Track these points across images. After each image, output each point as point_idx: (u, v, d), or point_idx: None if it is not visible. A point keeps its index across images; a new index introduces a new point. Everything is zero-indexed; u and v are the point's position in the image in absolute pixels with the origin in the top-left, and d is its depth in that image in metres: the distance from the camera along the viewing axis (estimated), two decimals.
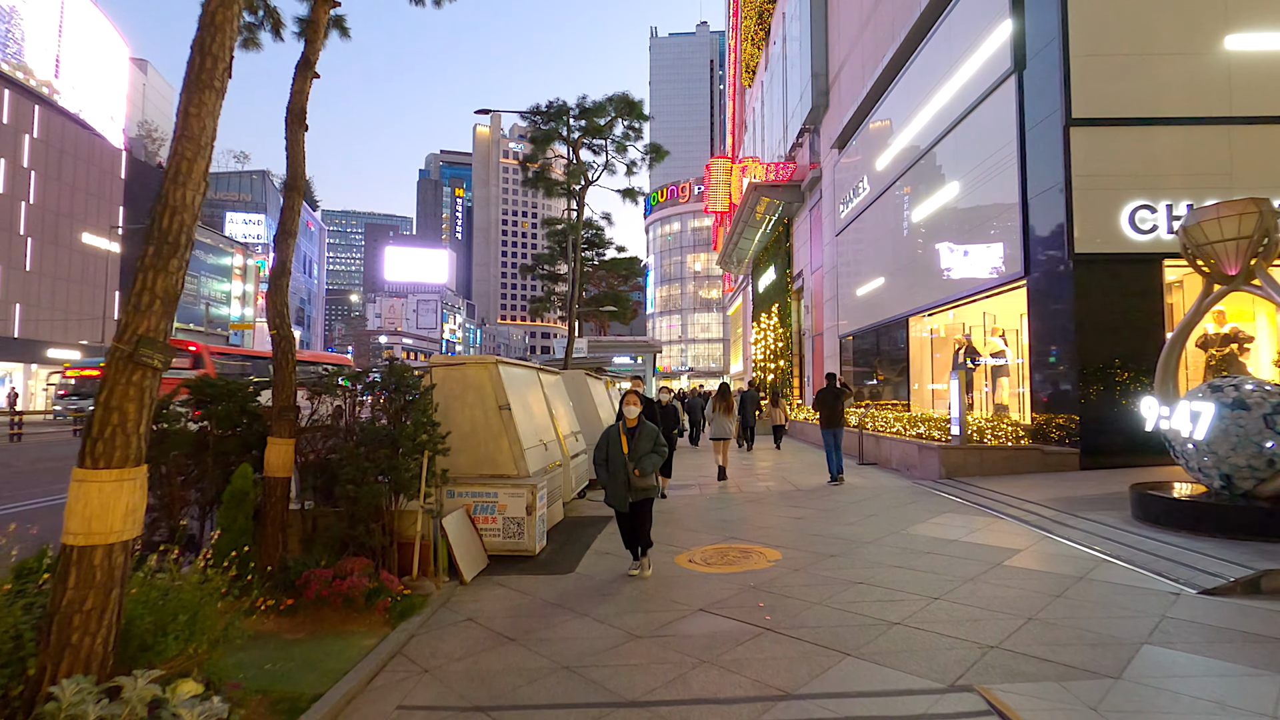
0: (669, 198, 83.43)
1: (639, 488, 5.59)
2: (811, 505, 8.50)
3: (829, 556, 5.91)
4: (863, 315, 19.10)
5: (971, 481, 9.22)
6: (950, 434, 9.95)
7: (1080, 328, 9.63)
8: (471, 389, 6.79)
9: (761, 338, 32.44)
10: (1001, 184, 11.54)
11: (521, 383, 7.54)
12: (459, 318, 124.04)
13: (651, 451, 5.68)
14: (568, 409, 9.82)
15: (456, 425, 6.70)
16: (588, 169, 18.48)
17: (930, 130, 14.26)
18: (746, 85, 45.60)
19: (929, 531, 6.74)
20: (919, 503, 8.28)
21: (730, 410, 13.60)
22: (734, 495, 9.60)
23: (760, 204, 29.09)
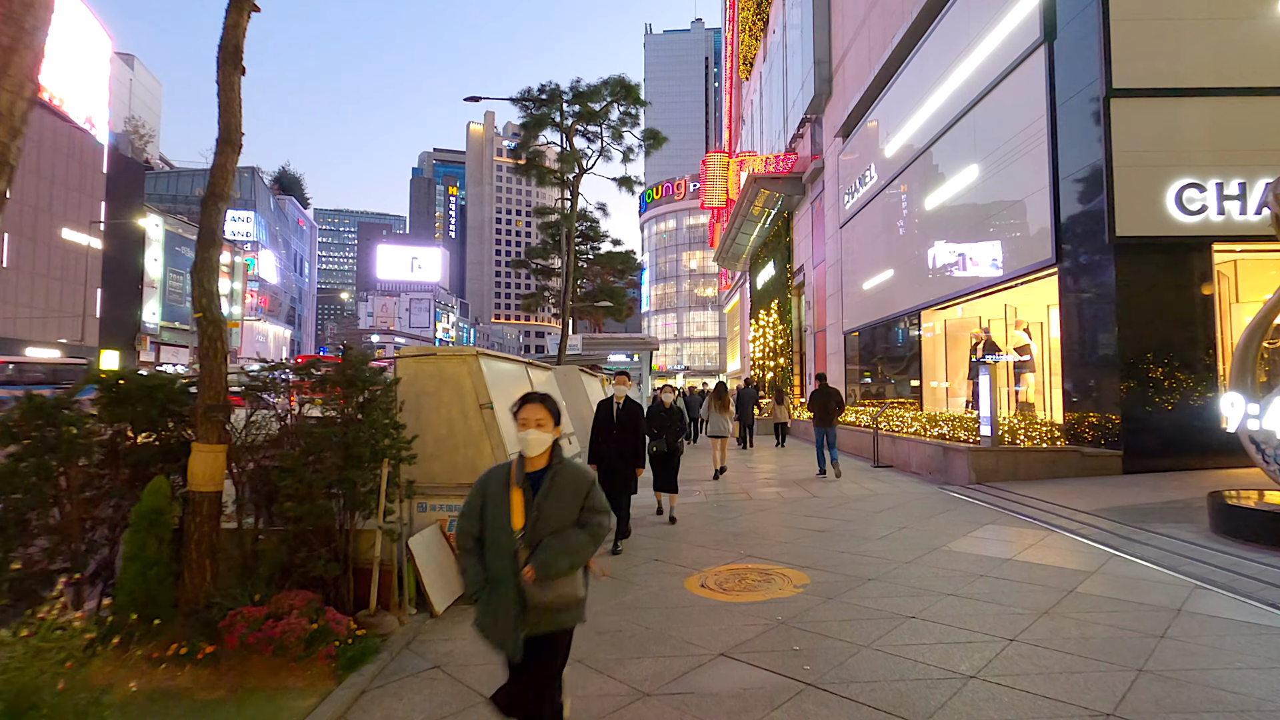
0: (664, 194, 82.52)
1: (541, 606, 2.43)
2: (832, 515, 7.62)
3: (865, 580, 5.03)
4: (869, 310, 18.26)
5: (1005, 487, 8.37)
6: (979, 435, 9.09)
7: (1122, 318, 8.79)
8: (448, 385, 5.89)
9: (760, 335, 31.61)
10: (1028, 165, 10.69)
11: (507, 378, 6.64)
12: (452, 316, 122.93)
13: (578, 525, 2.60)
14: (561, 408, 8.92)
15: (430, 427, 5.80)
16: (582, 156, 17.57)
17: (946, 112, 13.41)
18: (744, 78, 44.77)
19: (974, 548, 5.87)
20: (952, 512, 7.41)
21: (726, 408, 12.93)
22: (742, 502, 8.72)
23: (760, 197, 28.24)
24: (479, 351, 5.98)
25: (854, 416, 15.86)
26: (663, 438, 7.55)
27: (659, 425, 7.61)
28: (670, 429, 7.62)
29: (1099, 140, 9.05)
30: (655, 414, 7.67)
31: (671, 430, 7.62)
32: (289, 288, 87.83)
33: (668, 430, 7.60)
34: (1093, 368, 9.33)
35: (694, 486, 10.18)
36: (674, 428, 7.65)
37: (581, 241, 29.60)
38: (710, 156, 44.01)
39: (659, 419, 7.65)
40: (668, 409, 7.77)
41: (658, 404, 7.82)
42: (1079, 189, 9.54)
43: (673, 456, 7.62)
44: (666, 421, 7.65)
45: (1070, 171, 9.71)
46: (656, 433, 7.52)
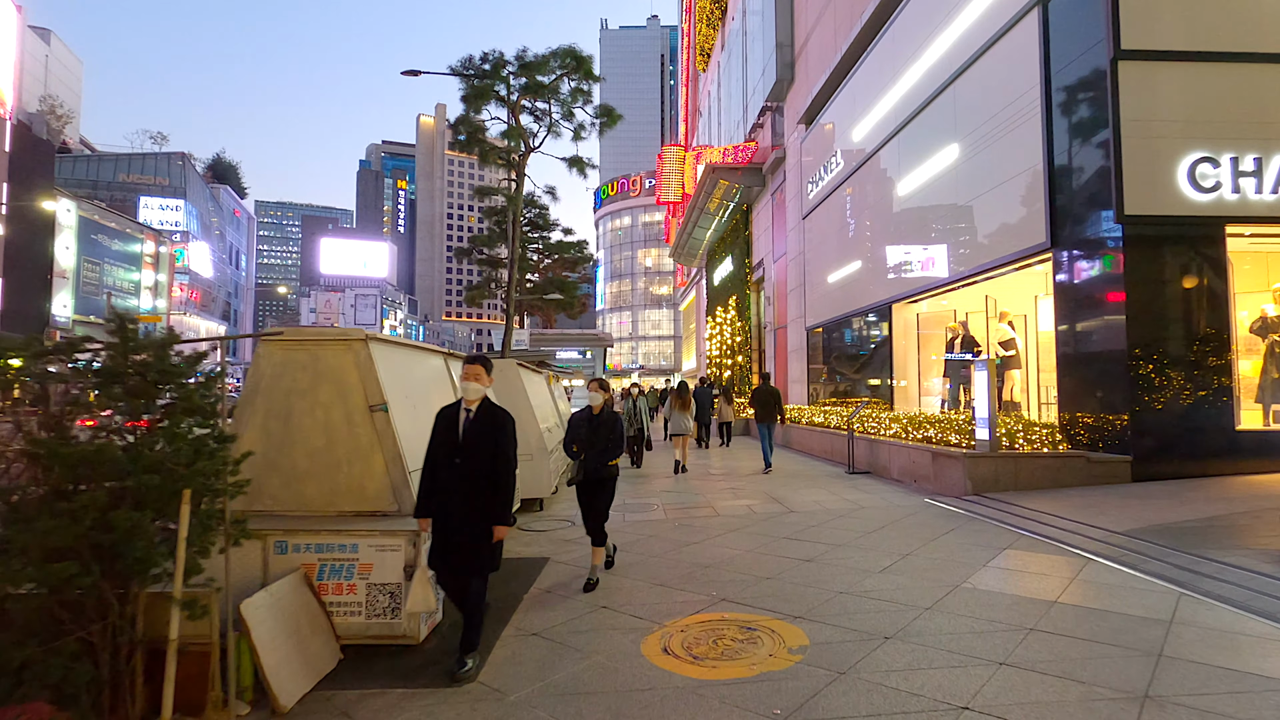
0: (619, 191, 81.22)
1: None
2: (816, 537, 6.38)
3: (881, 639, 3.77)
4: (835, 304, 17.27)
5: (1007, 499, 7.29)
6: (975, 439, 8.01)
7: (1131, 306, 7.82)
8: (327, 380, 4.42)
9: (717, 332, 30.56)
10: (1017, 142, 9.72)
11: (411, 373, 5.18)
12: (400, 314, 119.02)
13: None
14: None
15: (302, 436, 4.34)
16: (529, 135, 16.06)
17: (922, 89, 12.42)
18: (701, 70, 43.74)
19: (1003, 584, 4.69)
20: (958, 533, 6.26)
21: (687, 407, 12.82)
22: (708, 519, 7.42)
23: (718, 189, 27.13)
24: (370, 336, 4.52)
25: (822, 417, 14.79)
26: (585, 458, 5.24)
27: (583, 441, 5.28)
28: (599, 446, 5.24)
29: (1104, 109, 8.06)
30: (579, 426, 5.35)
31: (600, 448, 5.23)
32: (224, 281, 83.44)
33: (594, 448, 5.24)
34: (1094, 363, 8.36)
35: (653, 496, 8.86)
36: (604, 444, 5.25)
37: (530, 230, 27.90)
38: (666, 150, 42.87)
39: (582, 432, 5.31)
40: (596, 417, 5.34)
41: (584, 412, 5.43)
42: (1079, 165, 8.57)
43: (602, 488, 5.29)
44: (593, 436, 5.27)
45: (1068, 146, 8.73)
46: (576, 452, 5.27)
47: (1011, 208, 9.93)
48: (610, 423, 5.33)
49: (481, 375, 4.05)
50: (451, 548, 3.67)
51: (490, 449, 3.87)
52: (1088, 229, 8.40)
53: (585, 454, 5.24)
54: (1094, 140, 8.27)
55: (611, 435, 5.28)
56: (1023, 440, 8.08)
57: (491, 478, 3.81)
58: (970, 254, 10.96)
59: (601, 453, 5.23)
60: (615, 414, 5.44)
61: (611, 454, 5.26)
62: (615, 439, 5.29)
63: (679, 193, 40.29)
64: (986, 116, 10.46)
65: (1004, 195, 10.10)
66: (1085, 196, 8.44)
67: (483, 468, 3.79)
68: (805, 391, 19.76)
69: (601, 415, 5.34)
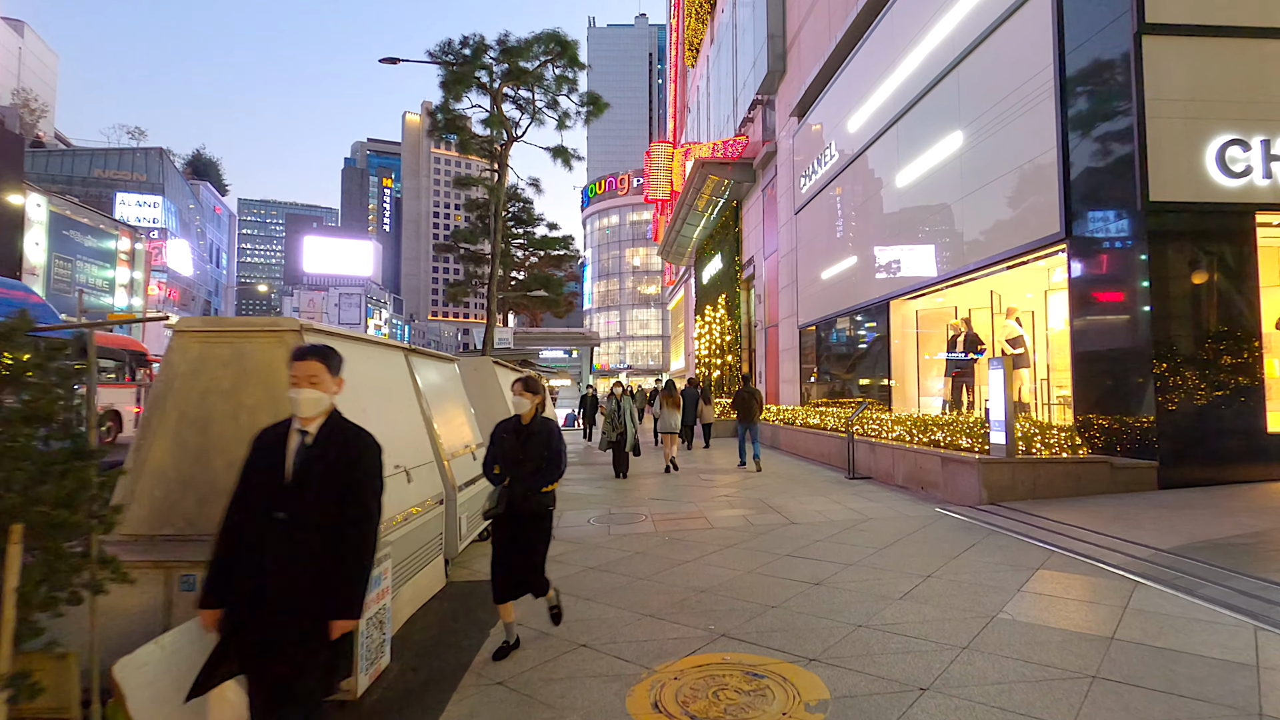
0: (607, 189, 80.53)
1: None
2: (823, 553, 5.74)
3: (916, 691, 3.13)
4: (828, 302, 16.69)
5: (1027, 509, 6.69)
6: (990, 443, 7.40)
7: (1155, 300, 7.24)
8: (254, 379, 3.73)
9: (706, 332, 29.96)
10: (1028, 126, 9.15)
11: (360, 371, 4.47)
12: (385, 313, 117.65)
13: None
14: (466, 413, 6.79)
15: (222, 445, 3.66)
16: (511, 123, 15.35)
17: (923, 75, 11.84)
18: (690, 65, 43.14)
19: (1045, 615, 4.06)
20: (981, 549, 5.64)
21: (677, 406, 12.90)
22: (701, 533, 6.76)
23: (707, 184, 26.51)
24: (305, 326, 3.82)
25: (818, 419, 14.18)
26: (510, 482, 3.84)
27: (507, 459, 3.90)
28: (529, 465, 3.86)
29: (1126, 88, 7.49)
30: (502, 439, 3.96)
31: (531, 468, 3.85)
32: (205, 280, 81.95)
33: (522, 468, 3.85)
34: (1114, 362, 7.78)
35: (640, 504, 8.19)
36: (536, 464, 3.87)
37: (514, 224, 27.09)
38: (654, 146, 42.26)
39: (506, 447, 3.94)
40: (525, 427, 3.95)
41: (511, 421, 4.02)
42: (1096, 149, 8.00)
43: (533, 526, 3.90)
44: (521, 452, 3.89)
45: (1085, 129, 8.16)
46: (499, 474, 3.91)
47: (1021, 197, 9.35)
48: (544, 435, 3.91)
49: (321, 377, 2.49)
50: (265, 651, 2.26)
51: (334, 494, 2.40)
52: (1107, 218, 7.82)
53: (510, 476, 3.82)
54: (1114, 123, 7.70)
55: (546, 451, 3.88)
56: (1040, 444, 7.48)
57: (335, 540, 2.35)
58: (975, 247, 10.38)
59: (532, 475, 3.81)
60: (550, 423, 3.99)
61: (546, 477, 3.84)
62: (551, 457, 3.89)
63: (667, 190, 39.68)
64: (993, 101, 9.88)
65: (1013, 184, 9.53)
66: (1104, 184, 7.87)
67: (322, 523, 2.35)
68: (798, 392, 19.18)
69: (532, 425, 3.93)
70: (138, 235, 56.26)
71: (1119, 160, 7.62)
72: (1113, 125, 7.72)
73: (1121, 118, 7.57)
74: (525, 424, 3.95)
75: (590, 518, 7.78)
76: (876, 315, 14.09)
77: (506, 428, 3.99)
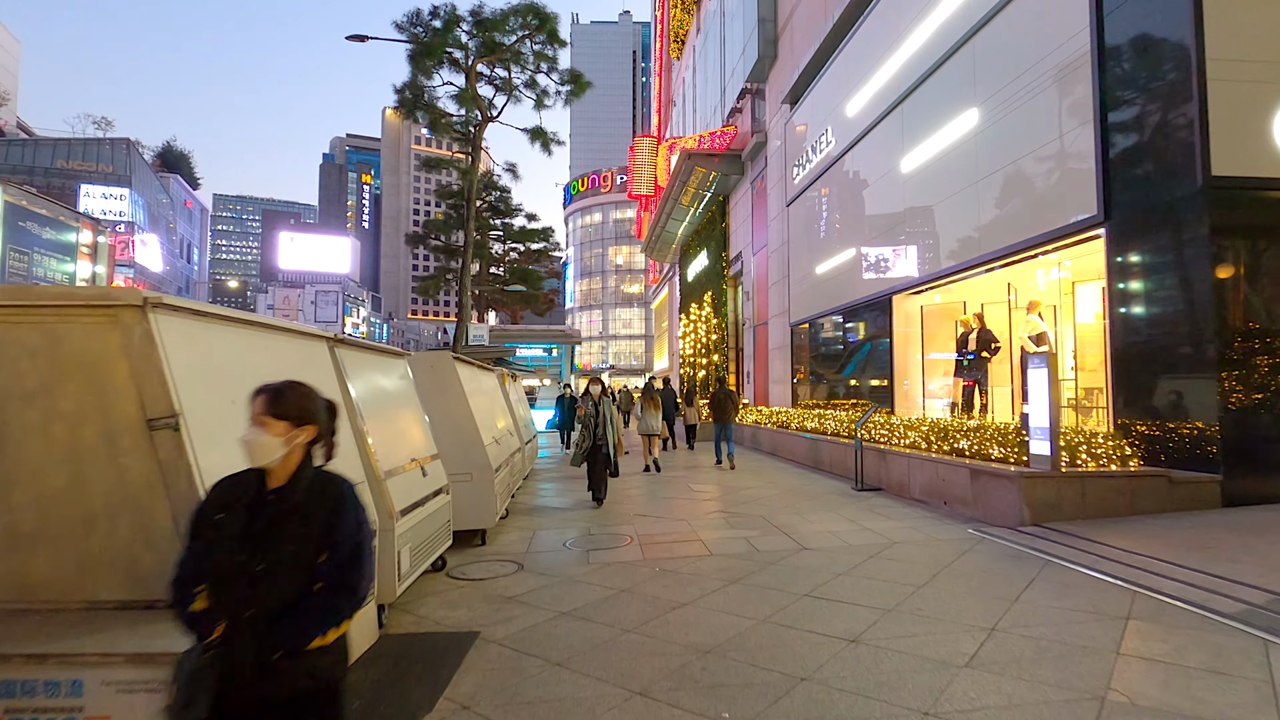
0: (590, 187, 79.37)
1: None
2: (854, 596, 4.66)
3: None
4: (823, 298, 15.72)
5: (1079, 532, 5.70)
6: (1030, 454, 6.40)
7: (1217, 289, 6.31)
8: (74, 377, 2.60)
9: (691, 330, 28.97)
10: (1057, 98, 8.21)
11: (257, 369, 3.33)
12: (363, 311, 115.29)
13: None
14: (416, 420, 5.67)
15: (25, 471, 2.55)
16: (486, 103, 14.18)
17: (933, 49, 10.89)
18: (675, 58, 42.07)
19: (1175, 696, 3.03)
20: (1043, 588, 4.61)
21: (658, 407, 12.62)
22: (699, 562, 5.69)
23: (693, 177, 25.47)
24: (155, 300, 2.68)
25: (816, 422, 13.18)
26: (226, 642, 1.72)
27: (225, 572, 1.75)
28: (268, 598, 1.74)
29: (1182, 49, 6.55)
30: (216, 524, 1.80)
31: (277, 608, 1.74)
32: (175, 276, 79.59)
33: (256, 604, 1.73)
34: (1165, 361, 6.83)
35: (623, 522, 7.10)
36: (286, 592, 1.76)
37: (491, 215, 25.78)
38: (638, 140, 41.26)
39: (225, 547, 1.76)
40: (271, 498, 1.84)
41: (238, 488, 1.85)
42: (1143, 120, 7.06)
43: None
44: (256, 559, 1.75)
45: (1128, 98, 7.21)
46: (200, 614, 1.76)
47: (1049, 178, 8.40)
48: (322, 515, 1.84)
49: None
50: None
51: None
52: (1157, 197, 6.87)
53: (228, 618, 1.73)
54: (1166, 90, 6.75)
55: (322, 555, 1.81)
56: (1085, 455, 6.50)
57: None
58: (992, 235, 9.42)
59: (282, 616, 1.75)
60: (339, 487, 1.93)
61: (315, 619, 1.76)
62: (337, 567, 1.81)
63: (651, 186, 38.69)
64: (1016, 72, 8.93)
65: (1039, 164, 8.58)
66: (1153, 159, 6.92)
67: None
68: (789, 393, 18.20)
69: (289, 492, 1.85)
70: (100, 228, 54.06)
71: (1172, 131, 6.67)
72: (1164, 92, 6.76)
73: (1175, 83, 6.62)
74: (275, 489, 1.85)
75: (567, 539, 6.68)
76: (877, 312, 13.13)
77: (230, 496, 1.86)
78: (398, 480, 4.56)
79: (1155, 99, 6.88)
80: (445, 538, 5.57)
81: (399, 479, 4.59)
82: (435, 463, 5.65)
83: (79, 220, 51.29)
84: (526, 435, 11.51)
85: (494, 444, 7.22)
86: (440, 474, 5.67)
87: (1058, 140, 8.22)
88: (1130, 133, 7.22)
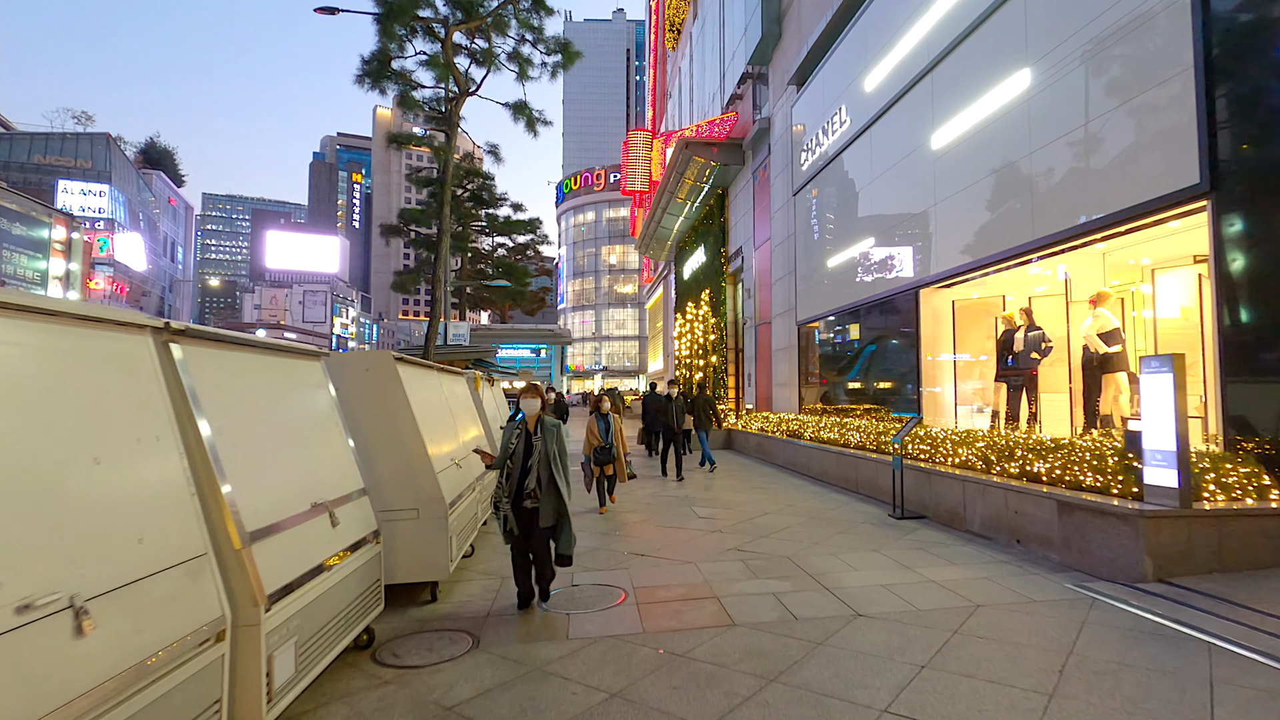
0: (583, 185, 77.92)
1: None
2: (949, 710, 3.20)
3: None
4: (836, 294, 14.27)
5: (1221, 592, 4.25)
6: (1145, 484, 4.92)
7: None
8: None
9: (687, 330, 27.51)
10: (1140, 47, 6.76)
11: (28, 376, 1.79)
12: (352, 311, 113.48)
13: None
14: (337, 445, 4.16)
15: None
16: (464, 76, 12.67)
17: (973, 3, 9.47)
18: (670, 48, 40.63)
19: None
20: (1234, 697, 3.14)
21: None
22: (717, 639, 4.19)
23: (691, 167, 23.99)
24: None
25: (836, 433, 11.70)
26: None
27: None
28: None
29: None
30: None
31: None
32: (159, 275, 77.62)
33: None
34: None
35: (616, 561, 5.60)
36: None
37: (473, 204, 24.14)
38: (633, 135, 39.85)
39: None
40: None
41: None
42: (1266, 67, 5.63)
43: None
44: None
45: (1243, 44, 5.79)
46: None
47: (1128, 141, 6.96)
48: None
49: None
50: None
51: None
52: None
53: None
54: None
55: None
56: (1213, 485, 5.03)
57: None
58: (1049, 215, 7.98)
59: None
60: None
61: None
62: None
63: (646, 182, 37.30)
64: (1081, 22, 7.50)
65: (1112, 127, 7.13)
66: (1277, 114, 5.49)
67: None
68: (795, 398, 16.73)
69: None
70: (74, 224, 52.09)
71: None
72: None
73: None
74: None
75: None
76: (900, 308, 11.68)
77: None
78: (279, 542, 3.05)
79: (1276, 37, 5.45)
80: (372, 604, 4.07)
81: (280, 540, 3.08)
82: (359, 501, 4.14)
83: (51, 215, 49.36)
84: None
85: (453, 468, 5.71)
86: (366, 517, 4.16)
87: (1140, 97, 6.78)
88: (1246, 84, 5.79)
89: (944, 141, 10.25)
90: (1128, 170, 6.94)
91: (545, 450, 4.80)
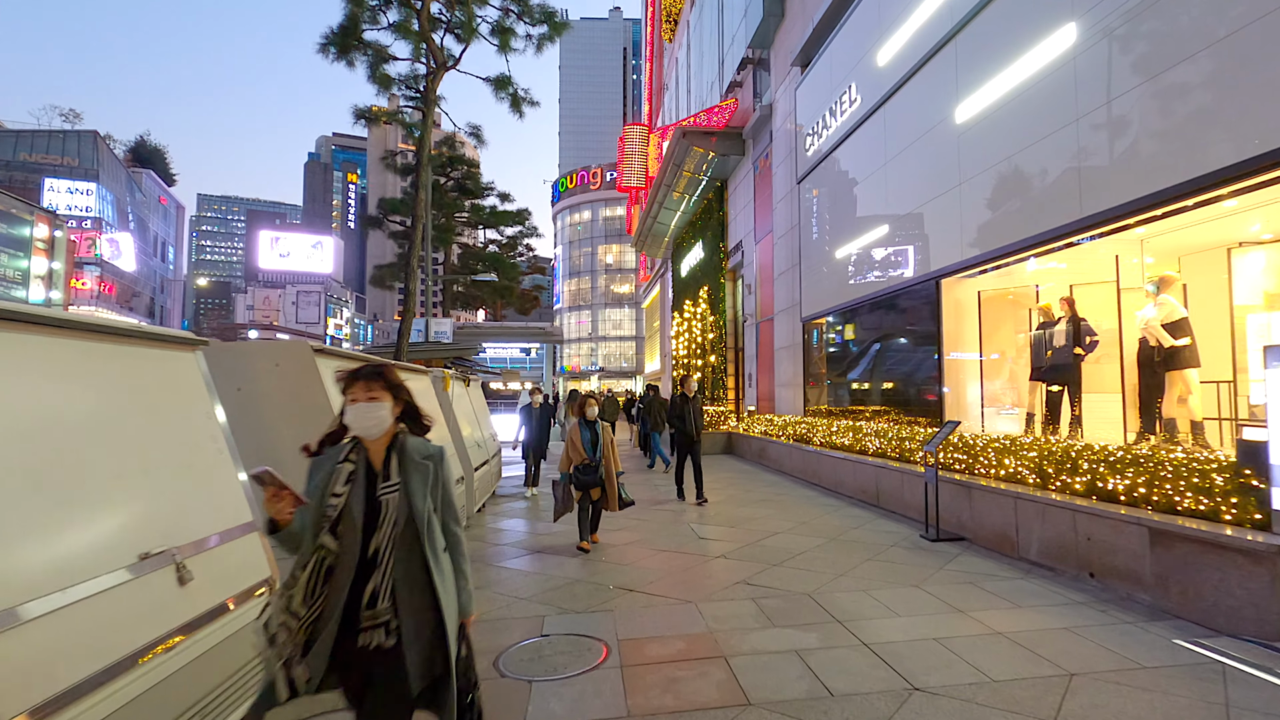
0: (579, 184, 76.82)
1: None
2: None
3: None
4: (844, 287, 13.22)
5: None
6: (1275, 509, 3.86)
7: None
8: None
9: (684, 329, 26.47)
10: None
11: None
12: (346, 312, 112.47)
13: None
14: (216, 466, 3.08)
15: None
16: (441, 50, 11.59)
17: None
18: (667, 40, 39.59)
19: None
20: None
21: None
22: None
23: (689, 158, 22.93)
24: None
25: (851, 438, 10.61)
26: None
27: None
28: None
29: None
30: None
31: None
32: (150, 276, 76.47)
33: None
34: None
35: (597, 603, 4.53)
36: None
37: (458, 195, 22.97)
38: (629, 129, 38.91)
39: None
40: None
41: None
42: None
43: None
44: None
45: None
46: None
47: (1202, 100, 5.90)
48: None
49: None
50: None
51: None
52: None
53: None
54: None
55: None
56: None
57: None
58: (1104, 188, 6.91)
59: None
60: None
61: None
62: None
63: (642, 177, 36.30)
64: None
65: (1181, 84, 6.07)
66: None
67: None
68: (800, 399, 15.67)
69: None
70: (58, 222, 50.77)
71: None
72: None
73: None
74: None
75: (509, 645, 4.10)
76: (917, 300, 10.63)
77: None
78: (36, 632, 1.96)
79: None
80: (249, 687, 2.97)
81: (42, 627, 1.98)
82: (243, 541, 3.06)
83: (33, 213, 48.09)
84: (481, 456, 8.91)
85: None
86: (259, 562, 3.08)
87: (1222, 42, 5.72)
88: None
89: (971, 113, 9.19)
90: (1200, 133, 5.86)
91: (408, 507, 2.12)
